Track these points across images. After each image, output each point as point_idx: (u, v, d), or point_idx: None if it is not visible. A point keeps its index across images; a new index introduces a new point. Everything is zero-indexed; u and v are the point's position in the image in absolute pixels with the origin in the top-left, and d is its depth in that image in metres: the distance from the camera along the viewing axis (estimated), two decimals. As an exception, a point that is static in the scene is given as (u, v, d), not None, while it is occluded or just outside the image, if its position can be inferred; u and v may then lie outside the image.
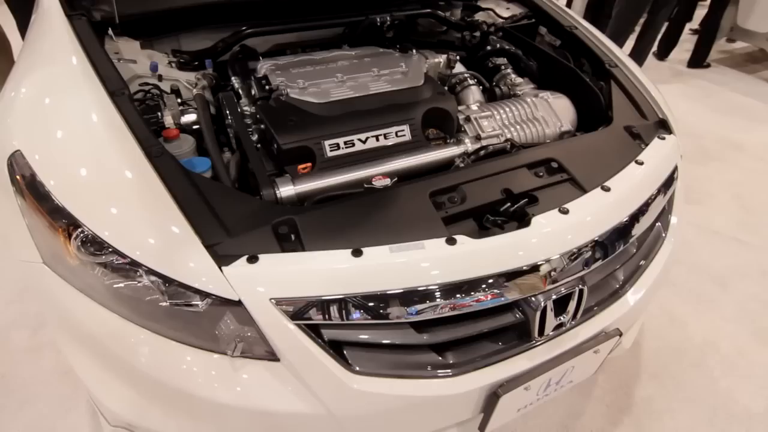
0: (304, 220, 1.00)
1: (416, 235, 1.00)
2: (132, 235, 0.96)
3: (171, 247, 0.94)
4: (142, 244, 0.94)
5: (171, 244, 0.94)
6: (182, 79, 1.51)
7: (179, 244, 0.94)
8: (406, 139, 1.34)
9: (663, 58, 5.00)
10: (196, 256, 0.92)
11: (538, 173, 1.21)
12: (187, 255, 0.93)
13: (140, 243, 0.95)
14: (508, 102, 1.55)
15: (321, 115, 1.31)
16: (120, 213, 0.98)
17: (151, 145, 1.07)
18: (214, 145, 1.22)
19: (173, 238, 0.94)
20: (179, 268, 0.92)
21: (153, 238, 0.95)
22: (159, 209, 0.97)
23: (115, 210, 0.98)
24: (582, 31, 1.78)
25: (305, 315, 0.92)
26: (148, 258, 0.93)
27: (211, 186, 1.05)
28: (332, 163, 1.26)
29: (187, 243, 0.93)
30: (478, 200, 1.11)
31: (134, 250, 0.94)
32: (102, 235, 0.95)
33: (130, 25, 1.58)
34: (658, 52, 4.96)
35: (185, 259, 0.92)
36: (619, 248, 1.16)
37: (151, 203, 0.98)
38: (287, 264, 0.93)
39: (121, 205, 0.99)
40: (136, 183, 1.01)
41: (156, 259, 0.93)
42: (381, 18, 1.79)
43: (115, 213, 0.98)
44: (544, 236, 1.03)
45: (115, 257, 0.95)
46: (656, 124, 1.46)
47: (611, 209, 1.14)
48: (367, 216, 1.03)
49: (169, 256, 0.93)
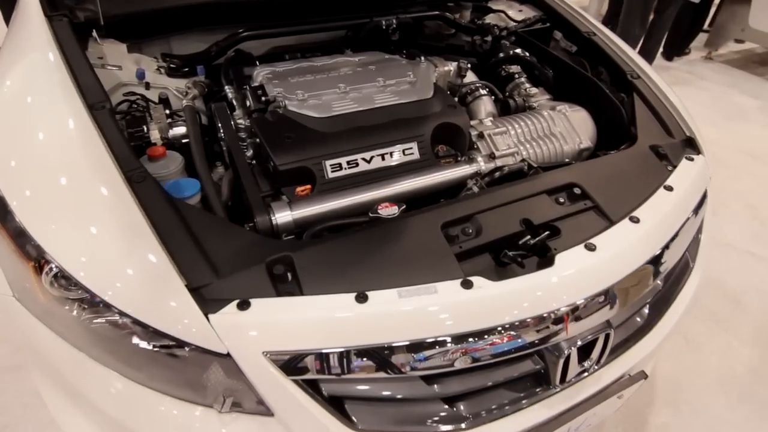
0: (302, 258, 0.89)
1: (427, 275, 0.89)
2: (105, 272, 0.85)
3: (150, 289, 0.83)
4: (116, 283, 0.84)
5: (150, 285, 0.83)
6: (172, 87, 1.40)
7: (159, 285, 0.83)
8: (414, 157, 1.23)
9: (671, 59, 4.89)
10: (179, 300, 0.81)
11: (559, 200, 1.11)
12: (168, 299, 0.82)
13: (113, 282, 0.84)
14: (524, 116, 1.44)
15: (322, 131, 1.20)
16: (92, 246, 0.87)
17: (132, 169, 0.96)
18: (204, 165, 1.11)
19: (153, 278, 0.83)
20: (158, 313, 0.82)
21: (129, 277, 0.84)
22: (138, 244, 0.86)
23: (86, 242, 0.87)
24: (601, 38, 1.67)
25: (302, 370, 0.82)
26: (121, 300, 0.82)
27: (199, 217, 0.94)
28: (334, 185, 1.15)
29: (168, 285, 0.82)
30: (494, 233, 1.00)
31: (106, 289, 0.83)
32: (70, 269, 0.85)
33: (117, 26, 1.46)
34: (665, 52, 4.85)
35: (166, 303, 0.82)
36: (649, 286, 1.05)
37: (129, 236, 0.87)
38: (283, 311, 0.82)
39: (94, 237, 0.88)
40: (112, 213, 0.90)
41: (131, 301, 0.82)
42: (386, 20, 1.67)
43: (87, 246, 0.87)
44: (570, 278, 0.93)
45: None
46: (683, 142, 1.35)
47: (641, 244, 1.03)
48: (372, 252, 0.93)
49: (146, 299, 0.82)
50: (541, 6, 1.91)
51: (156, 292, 0.83)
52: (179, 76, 1.45)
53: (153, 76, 1.40)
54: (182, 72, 1.45)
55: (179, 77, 1.45)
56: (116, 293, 0.83)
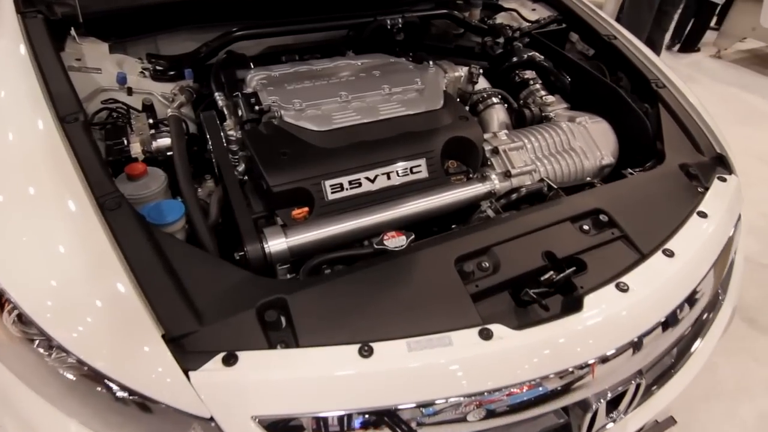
0: (297, 301, 0.78)
1: (440, 321, 0.79)
2: (69, 316, 0.74)
3: (120, 338, 0.72)
4: (81, 330, 0.73)
5: (120, 333, 0.72)
6: (157, 92, 1.27)
7: (131, 334, 0.72)
8: (422, 176, 1.12)
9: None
10: (154, 353, 0.70)
11: (583, 228, 1.00)
12: (141, 351, 0.71)
13: (77, 328, 0.73)
14: (541, 129, 1.32)
15: (321, 146, 1.08)
16: (56, 286, 0.76)
17: (104, 194, 0.84)
18: (190, 187, 0.99)
19: (124, 326, 0.73)
20: (128, 367, 0.71)
21: (96, 324, 0.73)
22: (107, 284, 0.75)
23: (50, 282, 0.76)
24: (622, 42, 1.55)
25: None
26: (85, 349, 0.72)
27: (182, 251, 0.83)
28: (334, 207, 1.04)
29: (142, 333, 0.71)
30: (513, 268, 0.90)
31: (68, 334, 0.72)
32: (30, 312, 0.74)
33: (98, 23, 1.33)
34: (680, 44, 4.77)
35: (138, 356, 0.71)
36: (684, 327, 0.95)
37: (97, 275, 0.76)
38: (275, 367, 0.71)
39: (56, 275, 0.77)
40: (80, 247, 0.78)
41: (97, 352, 0.72)
42: (392, 20, 1.55)
43: (50, 286, 0.76)
44: (600, 325, 0.82)
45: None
46: (714, 160, 1.24)
47: (677, 282, 0.93)
48: (377, 293, 0.82)
49: (115, 350, 0.72)
50: (556, 5, 1.79)
51: (127, 343, 0.72)
52: (165, 79, 1.32)
53: (136, 80, 1.28)
54: (168, 76, 1.33)
55: (165, 81, 1.32)
56: (80, 341, 0.72)
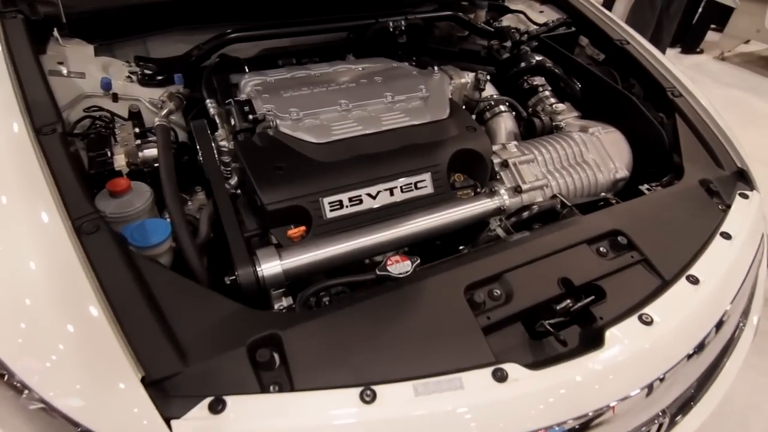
0: (293, 337, 0.71)
1: (450, 359, 0.72)
2: (33, 351, 0.66)
3: (92, 379, 0.64)
4: (46, 365, 0.65)
5: (93, 373, 0.65)
6: (145, 98, 1.20)
7: (106, 375, 0.64)
8: (427, 191, 1.05)
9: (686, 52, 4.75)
10: (132, 399, 0.63)
11: (601, 250, 0.93)
12: (116, 396, 0.63)
13: (42, 364, 0.65)
14: (552, 140, 1.25)
15: (319, 160, 1.01)
16: (20, 316, 0.68)
17: (81, 216, 0.77)
18: (176, 204, 0.91)
19: (97, 365, 0.65)
20: (102, 414, 0.63)
21: (64, 361, 0.65)
22: (80, 317, 0.68)
23: (11, 312, 0.69)
24: (635, 47, 1.48)
25: (291, 493, 0.64)
26: (52, 391, 0.64)
27: (166, 280, 0.75)
28: (333, 226, 0.97)
29: (118, 375, 0.64)
30: (527, 296, 0.83)
31: (31, 375, 0.64)
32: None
33: (83, 24, 1.25)
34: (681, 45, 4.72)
35: (113, 402, 0.63)
36: (710, 359, 0.89)
37: (68, 307, 0.69)
38: (267, 414, 0.64)
39: (22, 306, 0.69)
40: (49, 274, 0.71)
41: (66, 395, 0.64)
42: (394, 22, 1.47)
43: (11, 316, 0.68)
44: (624, 364, 0.75)
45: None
46: (735, 175, 1.18)
47: (704, 312, 0.86)
48: (380, 327, 0.75)
49: (87, 393, 0.64)
50: (565, 7, 1.72)
51: (100, 385, 0.64)
52: (154, 84, 1.24)
53: (122, 85, 1.20)
54: (157, 81, 1.25)
55: (154, 86, 1.24)
56: (46, 381, 0.64)
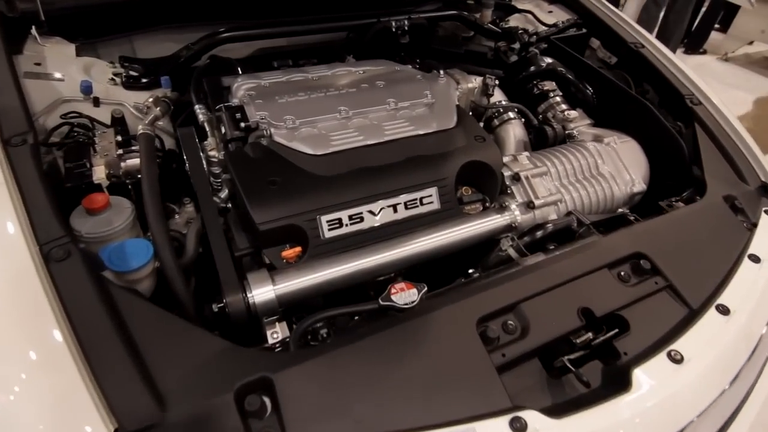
0: (286, 381, 0.63)
1: (462, 405, 0.65)
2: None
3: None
4: (9, 420, 0.57)
5: (55, 425, 0.57)
6: (129, 103, 1.11)
7: (71, 427, 0.57)
8: (433, 207, 0.97)
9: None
10: (104, 456, 0.55)
11: (622, 275, 0.86)
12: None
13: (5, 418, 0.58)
14: (565, 151, 1.17)
15: (317, 173, 0.93)
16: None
17: (50, 240, 0.69)
18: (160, 224, 0.83)
19: (63, 415, 0.57)
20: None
21: (27, 411, 0.58)
22: (43, 358, 0.60)
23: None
24: (650, 50, 1.40)
25: None
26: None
27: (144, 314, 0.67)
28: (331, 247, 0.89)
29: (85, 427, 0.56)
30: (545, 330, 0.76)
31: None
32: None
33: (64, 21, 1.17)
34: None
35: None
36: (742, 395, 0.82)
37: (30, 346, 0.61)
38: (256, 475, 0.57)
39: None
40: (9, 308, 0.63)
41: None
42: (396, 21, 1.39)
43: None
44: (654, 409, 0.68)
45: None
46: (760, 190, 1.11)
47: (737, 346, 0.79)
48: (384, 368, 0.67)
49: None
50: (575, 7, 1.64)
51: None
52: (139, 87, 1.15)
53: (105, 88, 1.11)
54: (143, 83, 1.16)
55: (139, 89, 1.15)
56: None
